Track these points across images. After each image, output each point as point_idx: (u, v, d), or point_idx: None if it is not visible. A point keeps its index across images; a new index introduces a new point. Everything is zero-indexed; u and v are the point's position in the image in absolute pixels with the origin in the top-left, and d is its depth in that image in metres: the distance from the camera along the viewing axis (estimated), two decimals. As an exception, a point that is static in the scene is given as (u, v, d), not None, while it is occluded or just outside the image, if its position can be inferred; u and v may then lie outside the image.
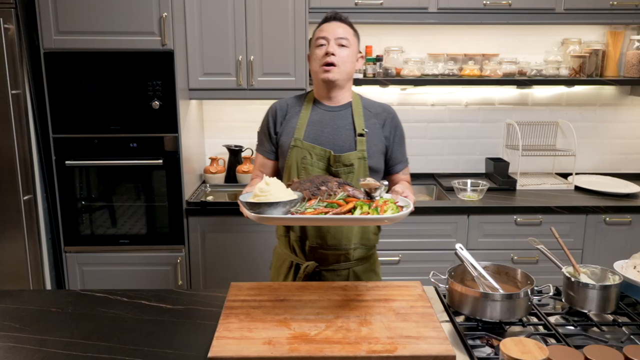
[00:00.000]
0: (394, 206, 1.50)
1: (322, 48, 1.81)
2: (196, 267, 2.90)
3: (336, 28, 1.82)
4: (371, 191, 1.54)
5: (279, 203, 1.43)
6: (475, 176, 3.35)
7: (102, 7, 2.62)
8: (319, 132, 1.84)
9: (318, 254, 1.85)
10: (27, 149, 2.70)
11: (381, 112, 1.91)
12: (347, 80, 1.87)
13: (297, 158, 1.81)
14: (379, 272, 2.00)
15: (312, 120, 1.86)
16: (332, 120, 1.86)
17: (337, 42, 1.80)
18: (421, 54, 3.24)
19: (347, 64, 1.82)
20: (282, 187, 1.49)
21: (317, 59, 1.82)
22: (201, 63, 2.88)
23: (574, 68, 3.16)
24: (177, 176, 2.80)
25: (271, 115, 1.92)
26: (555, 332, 1.45)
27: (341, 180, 1.62)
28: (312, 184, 1.58)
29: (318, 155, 1.81)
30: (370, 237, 1.91)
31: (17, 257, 2.77)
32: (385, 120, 1.89)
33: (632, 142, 3.44)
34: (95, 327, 1.53)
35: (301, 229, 1.84)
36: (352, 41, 1.84)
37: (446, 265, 1.69)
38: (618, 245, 2.90)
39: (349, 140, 1.83)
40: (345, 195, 1.54)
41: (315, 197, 1.54)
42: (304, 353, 1.31)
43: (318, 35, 1.84)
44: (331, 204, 1.51)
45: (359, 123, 1.85)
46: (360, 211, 1.47)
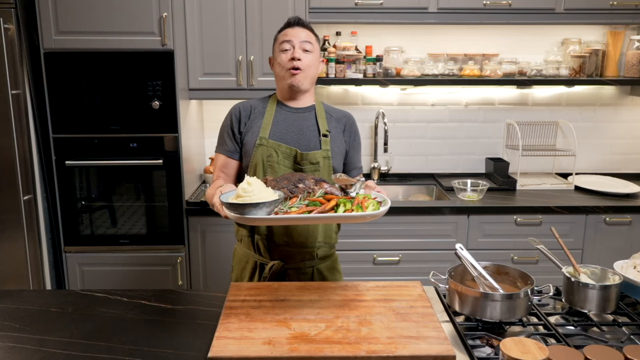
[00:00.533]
0: (374, 202, 1.52)
1: (288, 53, 1.84)
2: (196, 267, 2.90)
3: (299, 32, 1.86)
4: (346, 187, 1.56)
5: (264, 203, 1.42)
6: (475, 176, 3.35)
7: (102, 7, 2.62)
8: (284, 132, 1.87)
9: (284, 252, 1.86)
10: (27, 149, 2.70)
11: (342, 117, 1.96)
12: (311, 84, 1.91)
13: (263, 156, 1.83)
14: (341, 270, 2.03)
15: (276, 120, 1.89)
16: (296, 121, 1.90)
17: (301, 47, 1.84)
18: (421, 54, 3.24)
19: (311, 68, 1.86)
20: (263, 187, 1.49)
21: (282, 63, 1.85)
22: (201, 63, 2.88)
23: (574, 68, 3.16)
24: (177, 176, 2.80)
25: (234, 115, 1.93)
26: (555, 332, 1.45)
27: (317, 178, 1.63)
28: (289, 182, 1.58)
29: (284, 153, 1.83)
30: (333, 235, 1.94)
31: (17, 257, 2.77)
32: (345, 126, 1.95)
33: (632, 142, 3.44)
34: (95, 327, 1.53)
35: (268, 228, 1.85)
36: (315, 46, 1.88)
37: (446, 265, 1.69)
38: (618, 245, 2.90)
39: (313, 140, 1.87)
40: (323, 192, 1.55)
41: (295, 196, 1.55)
42: (304, 353, 1.31)
43: (282, 39, 1.87)
44: (313, 202, 1.52)
45: (322, 124, 1.90)
46: (344, 208, 1.48)
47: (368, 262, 2.89)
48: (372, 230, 2.85)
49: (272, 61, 1.94)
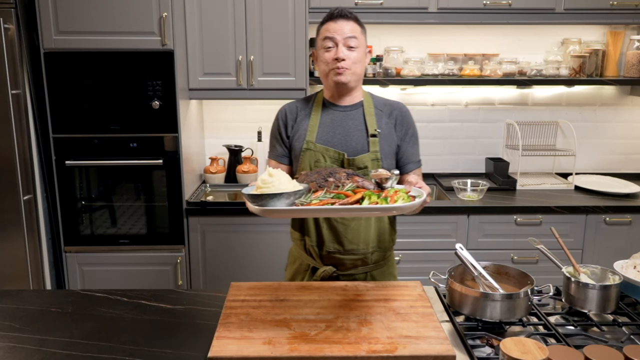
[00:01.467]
0: (405, 196, 1.42)
1: (331, 51, 1.74)
2: (196, 267, 2.90)
3: (343, 27, 1.74)
4: (382, 182, 1.47)
5: (282, 194, 1.36)
6: (475, 176, 3.35)
7: (102, 7, 2.62)
8: (331, 134, 1.79)
9: (335, 259, 1.81)
10: (27, 149, 2.70)
11: (393, 110, 1.85)
12: (358, 81, 1.82)
13: (310, 161, 1.77)
14: (395, 274, 1.94)
15: (323, 121, 1.81)
16: (343, 121, 1.81)
17: (345, 44, 1.73)
18: (421, 54, 3.24)
19: (357, 64, 1.76)
20: (286, 179, 1.42)
21: (325, 62, 1.76)
22: (201, 63, 2.88)
23: (574, 68, 3.16)
24: (177, 176, 2.80)
25: (281, 119, 1.87)
26: (555, 332, 1.45)
27: (350, 171, 1.55)
28: (319, 176, 1.52)
29: (332, 157, 1.76)
30: (387, 239, 1.86)
31: (17, 257, 2.77)
32: (396, 119, 1.84)
33: (632, 142, 3.44)
34: (95, 327, 1.53)
35: (317, 235, 1.80)
36: (360, 40, 1.77)
37: (446, 265, 1.69)
38: (618, 245, 2.90)
39: (361, 141, 1.78)
40: (354, 186, 1.47)
41: (322, 189, 1.47)
42: (304, 353, 1.31)
43: (324, 35, 1.76)
44: (338, 195, 1.44)
45: (370, 123, 1.80)
46: (369, 201, 1.39)
47: (368, 262, 2.89)
48: (372, 230, 2.85)
49: (315, 56, 1.84)
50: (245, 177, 3.20)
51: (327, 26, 1.77)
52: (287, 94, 2.91)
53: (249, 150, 3.29)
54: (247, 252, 2.88)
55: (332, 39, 1.74)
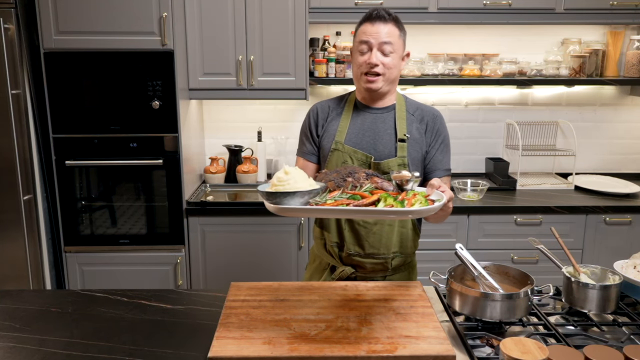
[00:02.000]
0: (422, 199, 1.37)
1: (365, 55, 1.71)
2: (196, 267, 2.90)
3: (380, 30, 1.69)
4: (403, 184, 1.42)
5: (297, 193, 1.33)
6: (475, 176, 3.35)
7: (102, 7, 2.62)
8: (360, 136, 1.77)
9: (355, 262, 1.80)
10: (27, 149, 2.70)
11: (425, 116, 1.81)
12: (391, 85, 1.79)
13: (338, 162, 1.75)
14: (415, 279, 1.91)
15: (353, 123, 1.79)
16: (373, 124, 1.78)
17: (380, 49, 1.69)
18: (421, 54, 3.24)
19: (391, 70, 1.73)
20: (303, 177, 1.40)
21: (358, 65, 1.73)
22: (201, 63, 2.88)
23: (574, 68, 3.16)
24: (177, 176, 2.80)
25: (312, 117, 1.85)
26: (555, 332, 1.45)
27: (370, 172, 1.51)
28: (338, 175, 1.49)
29: (359, 160, 1.74)
30: (409, 245, 1.83)
31: (17, 257, 2.77)
32: (428, 125, 1.80)
33: (632, 142, 3.44)
34: (95, 327, 1.53)
35: (339, 236, 1.79)
36: (397, 44, 1.71)
37: (446, 265, 1.69)
38: (618, 245, 2.90)
39: (389, 145, 1.75)
40: (372, 187, 1.43)
41: (339, 189, 1.44)
42: (304, 353, 1.31)
43: (360, 37, 1.72)
44: (354, 195, 1.40)
45: (400, 128, 1.77)
46: (384, 204, 1.35)
47: (368, 262, 2.89)
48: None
49: (352, 54, 1.80)
50: (245, 177, 3.20)
51: (364, 28, 1.72)
52: (287, 94, 2.91)
53: (249, 150, 3.29)
54: (247, 252, 2.88)
55: (366, 42, 1.70)
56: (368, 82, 1.72)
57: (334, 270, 1.84)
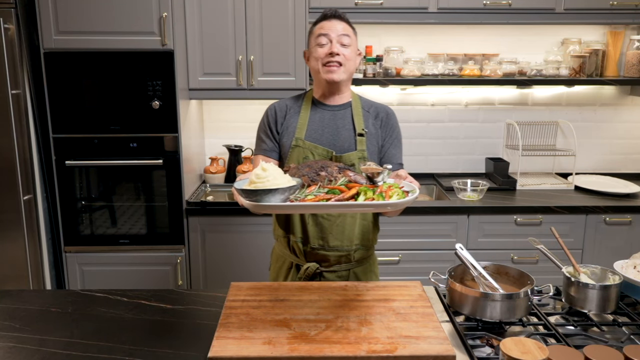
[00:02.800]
0: (399, 191, 1.41)
1: (325, 47, 1.78)
2: (196, 267, 2.90)
3: (337, 25, 1.79)
4: (373, 176, 1.46)
5: (277, 190, 1.33)
6: (475, 176, 3.35)
7: (102, 7, 2.62)
8: (319, 132, 1.83)
9: (319, 256, 1.84)
10: (27, 149, 2.70)
11: (379, 112, 1.90)
12: (349, 80, 1.86)
13: (299, 158, 1.80)
14: (377, 272, 1.99)
15: (312, 120, 1.85)
16: (332, 120, 1.85)
17: (339, 41, 1.77)
18: (421, 54, 3.24)
19: (350, 62, 1.80)
20: (280, 173, 1.40)
21: (319, 58, 1.79)
22: (201, 63, 2.88)
23: (574, 68, 3.16)
24: (177, 176, 2.80)
25: (270, 115, 1.89)
26: (555, 332, 1.45)
27: (341, 165, 1.55)
28: (310, 169, 1.51)
29: (320, 155, 1.79)
30: (370, 237, 1.90)
31: (17, 257, 2.77)
32: (382, 120, 1.88)
33: (632, 142, 3.44)
34: (95, 327, 1.53)
35: (302, 231, 1.82)
36: (352, 39, 1.81)
37: (446, 265, 1.69)
38: (618, 245, 2.90)
39: (348, 140, 1.82)
40: (346, 180, 1.47)
41: (314, 183, 1.46)
42: (304, 353, 1.31)
43: (319, 32, 1.80)
44: (332, 190, 1.42)
45: (358, 123, 1.84)
46: (364, 197, 1.38)
47: (368, 262, 2.89)
48: (372, 230, 2.85)
49: (307, 55, 1.87)
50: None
51: (322, 24, 1.81)
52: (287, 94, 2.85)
53: (249, 150, 3.29)
54: (247, 252, 2.88)
55: (326, 35, 1.78)
56: (329, 72, 1.78)
57: (298, 268, 1.87)
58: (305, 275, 1.84)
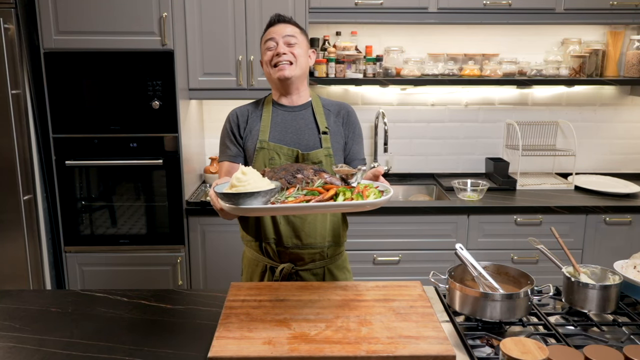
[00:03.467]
0: (375, 191, 1.47)
1: (272, 49, 1.82)
2: (196, 267, 2.90)
3: (283, 29, 1.83)
4: (347, 177, 1.51)
5: (259, 193, 1.36)
6: (475, 176, 3.35)
7: (102, 7, 2.62)
8: (283, 133, 1.84)
9: (293, 255, 1.83)
10: (27, 149, 2.70)
11: (340, 110, 1.92)
12: (303, 77, 1.88)
13: (265, 159, 1.81)
14: (350, 269, 2.01)
15: (274, 122, 1.87)
16: (294, 121, 1.87)
17: (285, 42, 1.81)
18: (421, 54, 3.24)
19: (300, 58, 1.82)
20: (259, 177, 1.43)
21: (268, 60, 1.82)
22: (201, 63, 2.88)
23: (574, 68, 3.16)
24: (177, 176, 2.80)
25: (232, 121, 1.91)
26: (555, 332, 1.45)
27: (316, 168, 1.59)
28: (287, 172, 1.54)
29: (285, 155, 1.81)
30: (341, 234, 1.92)
31: (17, 257, 2.77)
32: (343, 118, 1.91)
33: (632, 142, 3.44)
34: (95, 327, 1.53)
35: (275, 232, 1.82)
36: (300, 39, 1.84)
37: (446, 265, 1.69)
38: (618, 245, 2.90)
39: (313, 138, 1.84)
40: (323, 182, 1.50)
41: (293, 186, 1.49)
42: (304, 353, 1.31)
43: (266, 38, 1.84)
44: (312, 191, 1.46)
45: (321, 121, 1.87)
46: (344, 197, 1.43)
47: (368, 262, 2.89)
48: (372, 230, 2.85)
49: (262, 63, 1.91)
50: (245, 177, 3.20)
51: (268, 31, 1.85)
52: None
53: (249, 150, 3.29)
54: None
55: (272, 39, 1.82)
56: (279, 70, 1.80)
57: (273, 270, 1.85)
58: (282, 277, 1.83)
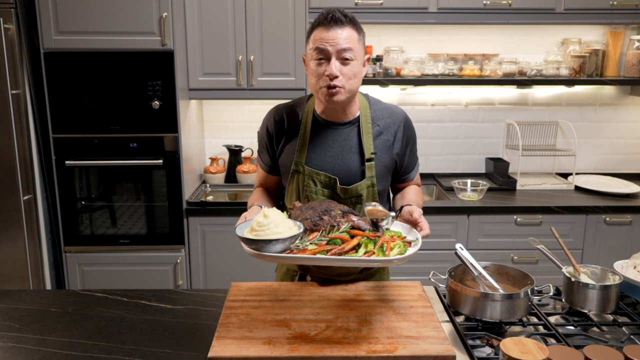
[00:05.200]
0: (400, 243, 1.39)
1: (322, 65, 1.54)
2: (196, 267, 2.90)
3: (337, 35, 1.52)
4: (377, 221, 1.44)
5: (278, 240, 1.34)
6: (475, 176, 3.35)
7: (102, 7, 2.62)
8: (322, 156, 1.65)
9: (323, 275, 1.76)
10: (27, 149, 2.70)
11: (391, 123, 1.69)
12: (354, 95, 1.62)
13: (300, 184, 1.66)
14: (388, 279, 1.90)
15: (313, 140, 1.65)
16: (336, 141, 1.66)
17: (339, 57, 1.53)
18: (421, 54, 3.24)
19: (352, 80, 1.56)
20: (281, 219, 1.40)
21: (316, 75, 1.56)
22: (201, 63, 2.88)
23: (574, 68, 3.16)
24: (177, 176, 2.80)
25: (270, 128, 1.72)
26: (555, 332, 1.45)
27: (345, 209, 1.50)
28: (314, 212, 1.48)
29: (322, 182, 1.64)
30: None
31: (17, 257, 2.77)
32: (396, 134, 1.69)
33: (632, 142, 3.44)
34: (95, 327, 1.53)
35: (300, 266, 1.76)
36: (357, 49, 1.55)
37: (446, 265, 1.69)
38: (618, 245, 2.90)
39: (354, 164, 1.65)
40: (349, 226, 1.44)
41: (317, 228, 1.44)
42: (304, 353, 1.31)
43: (316, 44, 1.54)
44: (334, 240, 1.41)
45: (367, 145, 1.64)
46: (365, 250, 1.38)
47: (368, 262, 2.89)
48: (372, 230, 2.85)
49: (305, 61, 1.64)
50: (245, 177, 3.20)
51: (319, 34, 1.54)
52: (287, 94, 2.91)
53: (248, 150, 3.29)
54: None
55: (324, 50, 1.53)
56: (329, 95, 1.55)
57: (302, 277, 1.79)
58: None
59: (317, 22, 1.57)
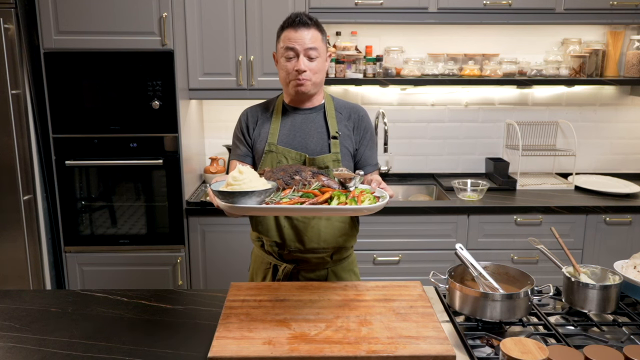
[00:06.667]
0: (370, 196, 1.46)
1: (291, 62, 1.76)
2: (196, 267, 2.90)
3: (304, 35, 1.74)
4: (345, 181, 1.51)
5: (254, 192, 1.38)
6: (475, 176, 3.35)
7: (102, 7, 2.62)
8: (291, 136, 1.82)
9: (295, 258, 1.83)
10: (27, 149, 2.70)
11: (351, 114, 1.89)
12: (319, 87, 1.84)
13: (273, 163, 1.80)
14: (357, 272, 1.98)
15: (284, 124, 1.84)
16: (304, 124, 1.85)
17: (306, 54, 1.74)
18: (421, 54, 3.24)
19: (318, 74, 1.78)
20: (256, 176, 1.45)
21: (286, 70, 1.77)
22: (201, 63, 2.88)
23: (574, 68, 3.16)
24: (177, 176, 2.80)
25: (244, 121, 1.90)
26: (555, 332, 1.45)
27: (315, 170, 1.59)
28: (285, 173, 1.55)
29: (293, 159, 1.79)
30: (348, 239, 1.87)
31: (17, 257, 2.77)
32: (354, 123, 1.87)
33: (632, 142, 3.44)
34: (95, 327, 1.53)
35: (279, 234, 1.81)
36: (321, 48, 1.78)
37: (446, 265, 1.69)
38: (618, 245, 2.90)
39: (320, 142, 1.82)
40: (320, 185, 1.51)
41: (289, 187, 1.50)
42: (304, 353, 1.31)
43: (285, 44, 1.76)
44: (307, 194, 1.47)
45: (332, 125, 1.83)
46: (338, 201, 1.43)
47: (368, 262, 2.89)
48: (372, 230, 2.85)
49: (275, 58, 1.85)
50: (245, 177, 3.20)
51: (288, 34, 1.77)
52: (287, 94, 2.90)
53: (249, 150, 3.29)
54: (247, 252, 2.87)
55: (293, 49, 1.75)
56: (297, 86, 1.77)
57: (276, 269, 1.86)
58: (284, 276, 1.83)
59: (286, 24, 1.81)
